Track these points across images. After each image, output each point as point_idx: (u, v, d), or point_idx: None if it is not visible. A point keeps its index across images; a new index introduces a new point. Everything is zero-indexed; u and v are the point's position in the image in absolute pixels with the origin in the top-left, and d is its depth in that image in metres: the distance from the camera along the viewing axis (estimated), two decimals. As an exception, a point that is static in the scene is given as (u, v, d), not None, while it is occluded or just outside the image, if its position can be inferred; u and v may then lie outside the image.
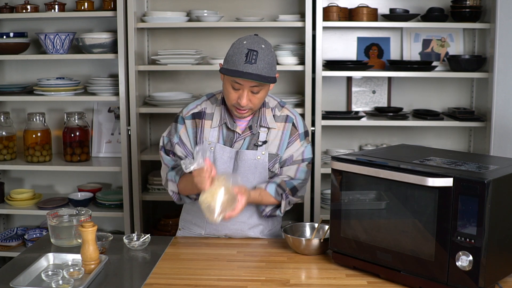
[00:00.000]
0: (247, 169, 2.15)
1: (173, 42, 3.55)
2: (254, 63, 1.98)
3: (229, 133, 2.16)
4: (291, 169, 2.19)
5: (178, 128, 2.20)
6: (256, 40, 2.03)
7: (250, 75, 1.98)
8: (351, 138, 3.58)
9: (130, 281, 1.85)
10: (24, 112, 3.68)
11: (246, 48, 1.99)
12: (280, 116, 2.19)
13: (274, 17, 3.42)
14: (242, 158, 2.14)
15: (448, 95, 3.52)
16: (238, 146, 2.16)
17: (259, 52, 1.99)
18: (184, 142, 2.19)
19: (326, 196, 3.36)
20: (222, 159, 2.15)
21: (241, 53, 1.99)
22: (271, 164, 2.16)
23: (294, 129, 2.19)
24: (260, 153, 2.15)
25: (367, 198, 1.85)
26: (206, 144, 2.14)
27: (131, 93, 3.27)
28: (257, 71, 1.98)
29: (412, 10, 3.38)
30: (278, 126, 2.18)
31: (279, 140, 2.17)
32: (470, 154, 2.20)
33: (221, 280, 1.79)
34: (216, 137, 2.17)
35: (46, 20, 3.55)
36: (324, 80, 3.26)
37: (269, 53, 2.03)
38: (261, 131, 2.16)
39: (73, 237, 2.05)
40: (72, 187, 3.69)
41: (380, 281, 1.78)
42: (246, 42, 2.01)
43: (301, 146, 2.19)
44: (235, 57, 2.00)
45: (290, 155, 2.18)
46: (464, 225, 1.59)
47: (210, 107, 2.20)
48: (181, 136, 2.20)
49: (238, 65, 1.99)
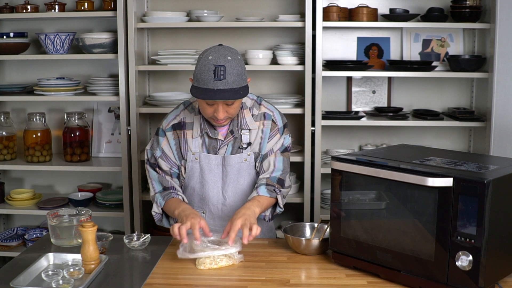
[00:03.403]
0: (236, 173, 2.18)
1: (173, 42, 3.55)
2: (223, 79, 1.95)
3: (212, 141, 2.17)
4: (269, 160, 2.19)
5: (160, 141, 2.21)
6: (221, 52, 1.99)
7: (222, 94, 1.95)
8: (351, 138, 3.58)
9: (130, 281, 1.85)
10: (24, 112, 3.68)
11: (212, 64, 1.96)
12: (258, 114, 2.20)
13: (274, 17, 3.42)
14: (229, 163, 2.16)
15: (448, 95, 3.52)
16: (222, 152, 2.17)
17: (226, 66, 1.96)
18: (167, 155, 2.20)
19: (326, 196, 3.36)
20: (209, 167, 2.17)
21: (209, 70, 1.95)
22: (258, 163, 2.20)
23: (274, 124, 2.21)
24: (245, 155, 2.17)
25: (367, 198, 1.85)
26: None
27: (131, 93, 3.27)
28: (227, 86, 1.96)
29: (412, 10, 3.38)
30: (258, 125, 2.19)
31: (260, 138, 2.19)
32: (470, 154, 2.20)
33: (221, 280, 1.79)
34: (199, 147, 2.18)
35: (46, 20, 3.56)
36: (324, 80, 3.26)
37: (237, 63, 1.99)
38: (243, 133, 2.17)
39: (73, 237, 2.05)
40: (72, 187, 3.69)
41: (380, 281, 1.78)
42: (211, 58, 1.97)
43: (281, 138, 2.21)
44: (203, 75, 1.97)
45: (270, 148, 2.20)
46: (464, 225, 1.59)
47: (189, 116, 2.20)
48: (164, 149, 2.20)
49: (207, 83, 1.95)
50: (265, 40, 3.51)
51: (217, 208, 2.22)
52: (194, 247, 1.89)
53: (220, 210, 2.22)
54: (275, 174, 2.17)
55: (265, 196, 2.09)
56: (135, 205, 3.34)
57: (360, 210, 1.87)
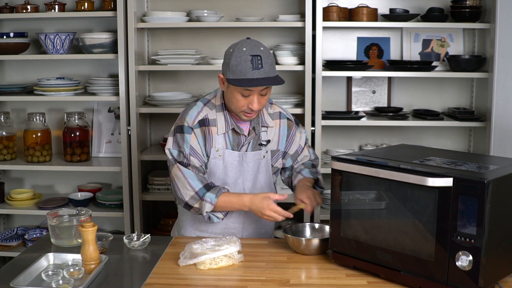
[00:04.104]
0: (255, 170, 2.23)
1: (173, 42, 3.55)
2: (261, 68, 2.01)
3: (236, 138, 2.19)
4: (304, 153, 2.36)
5: (187, 139, 2.13)
6: (253, 44, 2.05)
7: (263, 81, 2.01)
8: (351, 138, 3.58)
9: (130, 281, 1.85)
10: (24, 112, 3.68)
11: (248, 54, 2.01)
12: (273, 113, 2.29)
13: (274, 17, 3.42)
14: (249, 159, 2.20)
15: (448, 95, 3.52)
16: (244, 149, 2.20)
17: (262, 55, 2.03)
18: (196, 152, 2.14)
19: (326, 196, 3.35)
20: (232, 164, 2.19)
21: (246, 60, 2.01)
22: (274, 160, 2.27)
23: (290, 122, 2.32)
24: (264, 152, 2.23)
25: (367, 198, 1.85)
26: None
27: (131, 93, 3.27)
28: (265, 75, 2.02)
29: (412, 10, 3.38)
30: (275, 123, 2.27)
31: (277, 137, 2.27)
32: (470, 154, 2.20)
33: (221, 280, 1.79)
34: (223, 143, 2.17)
35: (46, 20, 3.56)
36: (324, 80, 3.26)
37: (269, 54, 2.07)
38: (261, 130, 2.22)
39: (73, 237, 2.05)
40: (72, 187, 3.69)
41: (380, 281, 1.78)
42: (245, 49, 2.02)
43: (301, 134, 2.35)
44: (240, 66, 2.01)
45: (298, 145, 2.33)
46: (464, 225, 1.59)
47: (211, 113, 2.17)
48: (193, 146, 2.13)
49: (246, 73, 2.01)
50: (265, 40, 3.49)
51: None
52: (193, 251, 1.89)
53: None
54: (308, 162, 2.37)
55: (310, 178, 2.28)
56: (135, 205, 3.34)
57: (360, 210, 1.87)
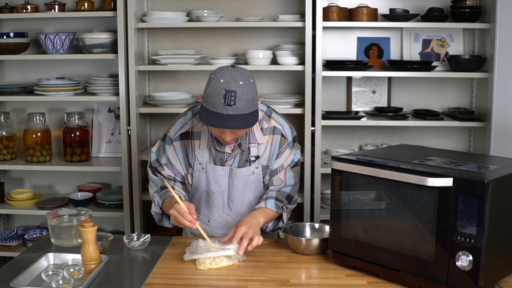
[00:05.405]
0: (243, 186, 2.17)
1: (173, 42, 3.55)
2: (233, 105, 1.89)
3: (218, 153, 2.15)
4: (280, 176, 2.20)
5: (166, 149, 2.19)
6: (233, 76, 1.93)
7: (231, 121, 1.89)
8: (351, 138, 3.58)
9: (130, 281, 1.85)
10: (24, 112, 3.68)
11: (223, 88, 1.90)
12: (267, 128, 2.16)
13: (274, 17, 3.42)
14: (236, 175, 2.15)
15: (448, 95, 3.52)
16: (229, 164, 2.16)
17: (237, 92, 1.90)
18: (172, 163, 2.19)
19: (326, 196, 3.36)
20: (216, 178, 2.16)
21: (219, 94, 1.90)
22: (262, 176, 2.19)
23: (284, 139, 2.17)
24: (253, 168, 2.16)
25: (367, 198, 1.85)
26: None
27: (131, 93, 3.27)
28: (237, 111, 1.90)
29: (412, 10, 3.37)
30: (267, 139, 2.16)
31: (268, 153, 2.17)
32: (470, 154, 2.20)
33: (221, 280, 1.79)
34: (206, 157, 2.16)
35: (46, 20, 3.56)
36: (324, 80, 3.26)
37: (248, 88, 1.94)
38: (251, 146, 2.15)
39: (73, 237, 2.05)
40: (72, 187, 3.69)
41: (380, 281, 1.78)
42: (223, 81, 1.91)
43: (290, 154, 2.19)
44: (213, 98, 1.91)
45: (280, 164, 2.19)
46: (464, 225, 1.59)
47: (197, 126, 2.17)
48: (169, 157, 2.19)
49: (217, 106, 1.90)
50: (265, 40, 3.51)
51: (222, 217, 2.22)
52: (199, 249, 1.89)
53: (225, 220, 2.22)
54: (285, 189, 2.19)
55: (271, 210, 2.11)
56: (135, 205, 3.34)
57: (360, 210, 1.86)
